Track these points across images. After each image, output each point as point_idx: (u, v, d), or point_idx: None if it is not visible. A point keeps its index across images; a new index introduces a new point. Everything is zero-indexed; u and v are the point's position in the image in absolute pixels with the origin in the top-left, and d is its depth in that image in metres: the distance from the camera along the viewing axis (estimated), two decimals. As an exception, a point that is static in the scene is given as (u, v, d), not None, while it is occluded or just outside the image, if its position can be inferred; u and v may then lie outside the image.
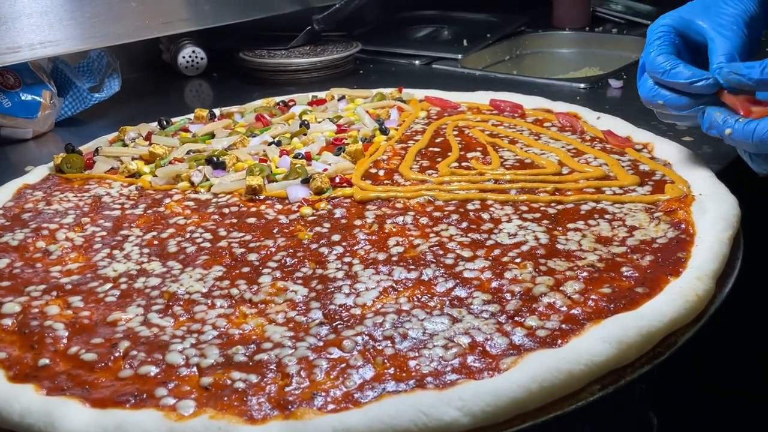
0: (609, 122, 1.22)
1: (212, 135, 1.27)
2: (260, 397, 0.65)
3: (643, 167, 1.05)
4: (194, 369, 0.69)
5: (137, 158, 1.19)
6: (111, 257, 0.92)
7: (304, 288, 0.82)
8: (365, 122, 1.27)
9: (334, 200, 1.03)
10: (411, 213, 0.97)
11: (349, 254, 0.88)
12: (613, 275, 0.80)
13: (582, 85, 1.60)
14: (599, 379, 0.66)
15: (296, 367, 0.68)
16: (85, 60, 1.60)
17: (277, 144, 1.20)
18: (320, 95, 1.46)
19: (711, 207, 0.89)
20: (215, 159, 1.14)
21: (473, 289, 0.79)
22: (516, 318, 0.74)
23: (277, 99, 1.45)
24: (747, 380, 1.37)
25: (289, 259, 0.88)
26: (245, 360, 0.70)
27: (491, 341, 0.70)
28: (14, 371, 0.70)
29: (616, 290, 0.76)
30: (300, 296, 0.81)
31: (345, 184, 1.06)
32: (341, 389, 0.65)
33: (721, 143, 1.20)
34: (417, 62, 1.88)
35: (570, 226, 0.91)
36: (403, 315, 0.75)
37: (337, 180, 1.07)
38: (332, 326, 0.75)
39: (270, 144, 1.21)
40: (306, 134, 1.24)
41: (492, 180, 1.04)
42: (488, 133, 1.22)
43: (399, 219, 0.95)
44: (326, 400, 0.64)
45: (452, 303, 0.77)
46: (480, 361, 0.67)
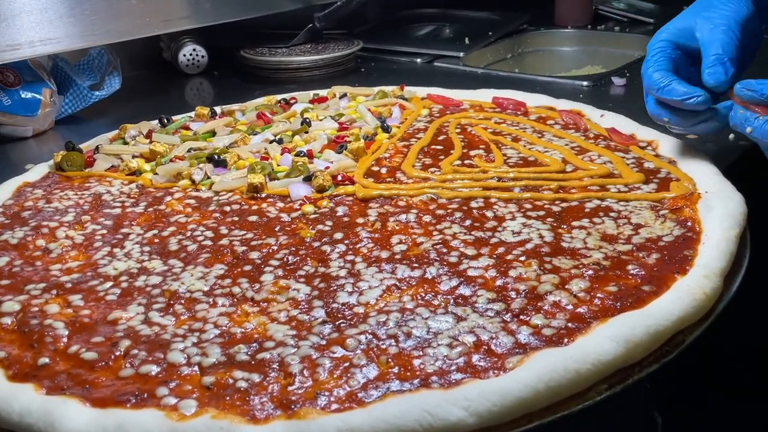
0: (613, 120, 1.21)
1: (213, 133, 1.27)
2: (263, 397, 0.64)
3: (648, 165, 1.04)
4: (196, 368, 0.68)
5: (138, 156, 1.18)
6: (111, 255, 0.91)
7: (307, 286, 0.81)
8: (367, 120, 1.27)
9: (336, 198, 1.02)
10: (414, 211, 0.96)
11: (352, 252, 0.87)
12: (619, 273, 0.79)
13: (585, 83, 1.59)
14: (606, 379, 0.65)
15: (299, 366, 0.67)
16: (86, 58, 1.60)
17: (279, 142, 1.20)
18: (322, 93, 1.45)
19: (717, 205, 0.88)
20: (216, 157, 1.13)
21: (477, 288, 0.78)
22: (521, 316, 0.73)
23: (279, 97, 1.44)
24: (753, 378, 1.36)
25: (291, 258, 0.87)
26: (247, 359, 0.69)
27: (496, 340, 0.69)
28: (14, 370, 0.70)
29: (623, 288, 0.76)
30: (302, 295, 0.80)
31: (347, 182, 1.05)
32: (345, 389, 0.64)
33: (726, 141, 1.20)
34: (419, 60, 1.88)
35: (575, 224, 0.90)
36: (407, 313, 0.74)
37: (339, 178, 1.06)
38: (335, 325, 0.74)
39: (271, 142, 1.20)
40: (307, 132, 1.23)
41: (495, 178, 1.04)
42: (491, 131, 1.22)
43: (402, 217, 0.94)
44: (329, 400, 0.63)
45: (456, 301, 0.76)
46: (485, 360, 0.66)
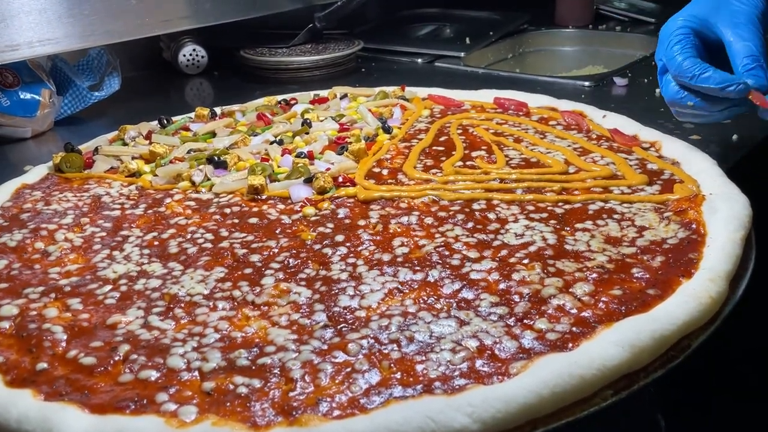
0: (615, 120, 1.20)
1: (213, 134, 1.26)
2: (264, 403, 0.63)
3: (651, 166, 1.04)
4: (196, 373, 0.68)
5: (137, 157, 1.17)
6: (111, 258, 0.90)
7: (308, 290, 0.80)
8: (368, 121, 1.26)
9: (338, 200, 1.01)
10: (416, 213, 0.95)
11: (353, 255, 0.87)
12: (624, 277, 0.78)
13: (587, 83, 1.58)
14: (611, 384, 0.64)
15: (300, 372, 0.66)
16: (85, 58, 1.59)
17: (279, 143, 1.19)
18: (322, 93, 1.44)
19: (722, 207, 0.87)
20: (216, 158, 1.12)
21: (480, 291, 0.77)
22: (525, 321, 0.72)
23: (279, 97, 1.43)
24: (758, 381, 1.35)
25: (292, 260, 0.86)
26: (248, 364, 0.68)
27: (500, 345, 0.68)
28: (11, 376, 0.69)
29: (627, 292, 0.75)
30: (303, 298, 0.79)
31: (348, 184, 1.05)
32: (347, 394, 0.63)
33: (730, 142, 1.19)
34: (419, 60, 1.87)
35: (578, 227, 0.90)
36: (409, 318, 0.74)
37: (340, 179, 1.05)
38: (337, 329, 0.73)
39: (272, 143, 1.19)
40: (308, 133, 1.23)
41: (497, 179, 1.03)
42: (493, 132, 1.21)
43: (404, 219, 0.94)
44: (331, 406, 0.62)
45: (459, 305, 0.75)
46: (489, 366, 0.66)
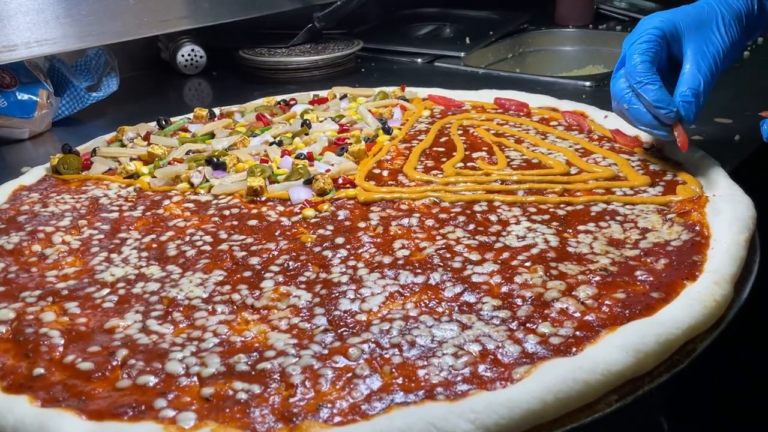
0: (616, 121, 1.18)
1: (212, 135, 1.25)
2: (263, 409, 0.62)
3: (654, 167, 1.03)
4: (195, 379, 0.67)
5: (136, 159, 1.17)
6: (109, 261, 0.89)
7: (308, 293, 0.79)
8: (368, 121, 1.25)
9: (338, 202, 1.00)
10: (416, 215, 0.94)
11: (354, 258, 0.86)
12: (627, 279, 0.77)
13: (587, 83, 1.58)
14: (616, 389, 0.64)
15: (300, 377, 0.66)
16: (83, 58, 1.58)
17: (279, 144, 1.18)
18: (322, 94, 1.43)
19: (726, 208, 0.86)
20: (215, 159, 1.11)
21: (482, 294, 0.76)
22: (528, 324, 0.71)
23: (278, 98, 1.42)
24: (763, 385, 1.35)
25: (292, 263, 0.85)
26: (247, 369, 0.67)
27: (503, 349, 0.67)
28: (8, 381, 0.68)
29: (631, 295, 0.74)
30: (303, 302, 0.78)
31: (348, 185, 1.04)
32: (348, 400, 0.63)
33: (731, 143, 1.19)
34: (419, 60, 1.86)
35: (580, 228, 0.89)
36: (411, 321, 0.73)
37: (340, 181, 1.04)
38: (337, 333, 0.72)
39: (271, 144, 1.18)
40: (307, 134, 1.22)
41: (499, 181, 1.02)
42: (494, 133, 1.20)
43: (404, 221, 0.93)
44: (332, 412, 0.61)
45: (461, 309, 0.74)
46: (492, 371, 0.65)
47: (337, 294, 0.79)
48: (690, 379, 0.87)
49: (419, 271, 0.81)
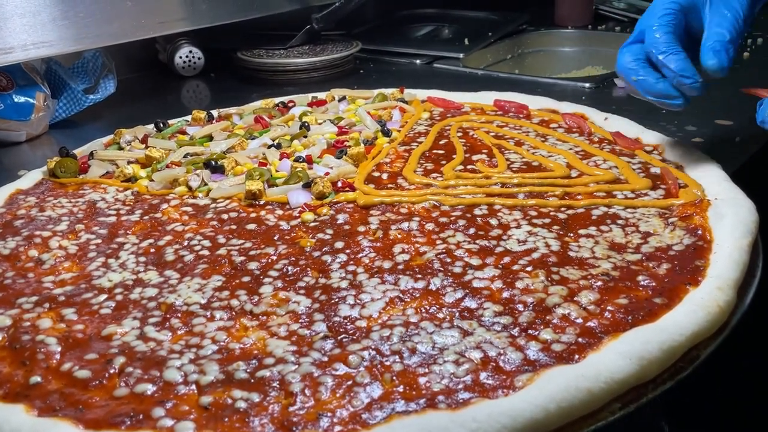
0: (617, 123, 1.19)
1: (210, 137, 1.24)
2: (263, 418, 0.61)
3: (655, 170, 1.02)
4: (193, 387, 0.66)
5: (133, 162, 1.16)
6: (106, 266, 0.88)
7: (307, 299, 0.79)
8: (367, 124, 1.24)
9: (337, 205, 0.99)
10: (416, 218, 0.94)
11: (353, 262, 0.85)
12: (630, 284, 0.76)
13: (587, 85, 1.57)
14: (619, 397, 0.63)
15: (300, 385, 0.65)
16: (80, 61, 1.57)
17: (277, 147, 1.17)
18: (320, 96, 1.42)
19: (728, 212, 0.86)
20: (213, 162, 1.10)
21: (483, 300, 0.76)
22: (530, 331, 0.70)
23: (277, 100, 1.41)
24: (766, 390, 1.34)
25: (291, 268, 0.85)
26: (247, 377, 0.67)
27: (504, 356, 0.67)
28: (4, 390, 0.67)
29: (633, 301, 0.73)
30: (303, 307, 0.77)
31: (347, 189, 1.03)
32: (348, 409, 0.62)
33: (733, 144, 1.18)
34: (418, 61, 1.85)
35: (582, 232, 0.88)
36: (411, 328, 0.72)
37: (339, 184, 1.04)
38: (337, 340, 0.71)
39: (270, 147, 1.17)
40: (306, 136, 1.21)
41: (499, 184, 1.01)
42: (493, 135, 1.19)
43: (404, 225, 0.92)
44: (332, 421, 0.61)
45: (462, 315, 0.74)
46: (493, 378, 0.64)
47: (337, 299, 0.78)
48: (693, 386, 0.86)
49: (419, 276, 0.81)
